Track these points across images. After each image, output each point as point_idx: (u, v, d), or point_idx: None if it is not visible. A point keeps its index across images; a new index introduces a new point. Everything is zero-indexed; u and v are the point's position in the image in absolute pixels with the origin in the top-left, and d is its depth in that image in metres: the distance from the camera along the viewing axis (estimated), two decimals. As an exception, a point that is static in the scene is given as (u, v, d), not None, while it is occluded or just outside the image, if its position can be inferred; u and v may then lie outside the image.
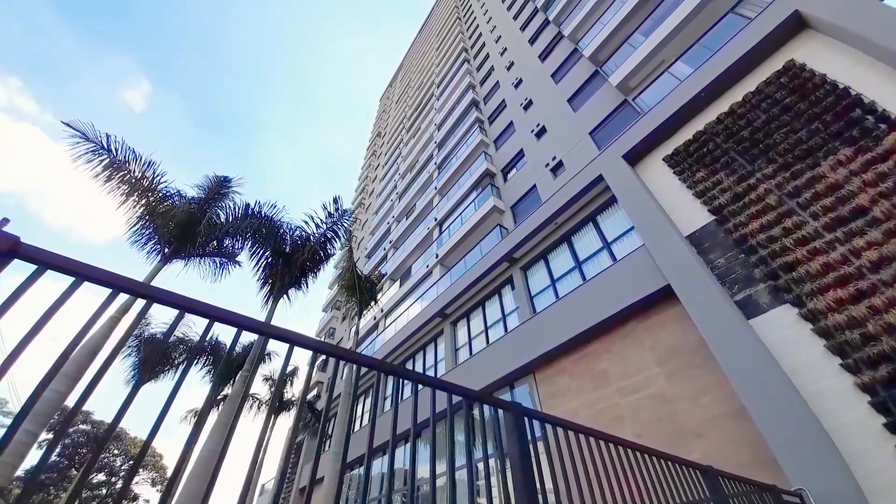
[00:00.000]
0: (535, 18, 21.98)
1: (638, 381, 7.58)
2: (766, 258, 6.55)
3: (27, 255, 1.31)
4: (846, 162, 6.17)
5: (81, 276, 1.42)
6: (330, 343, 1.55)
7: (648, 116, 9.64)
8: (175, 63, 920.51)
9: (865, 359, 5.16)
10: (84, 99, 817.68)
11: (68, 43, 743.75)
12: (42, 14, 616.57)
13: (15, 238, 1.29)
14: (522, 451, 2.12)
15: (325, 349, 1.55)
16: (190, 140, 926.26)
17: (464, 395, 2.07)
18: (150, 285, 1.40)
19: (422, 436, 10.50)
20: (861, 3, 6.76)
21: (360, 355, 1.65)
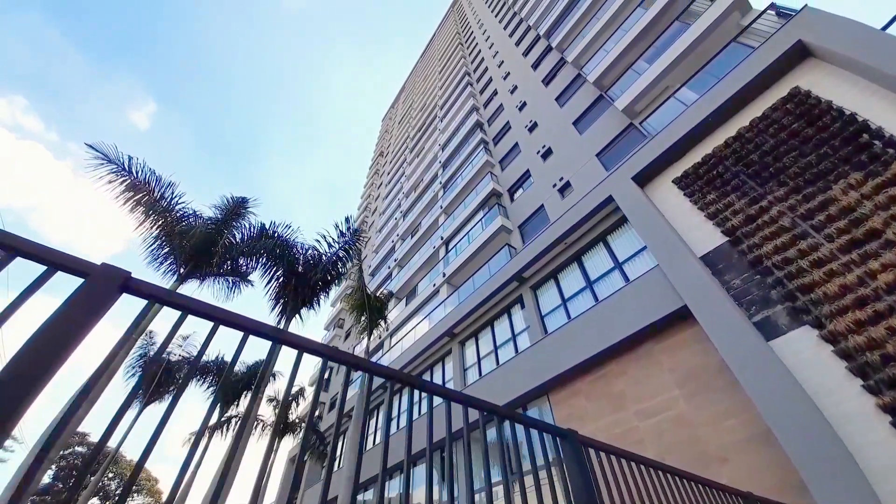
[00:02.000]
0: (537, 44, 22.70)
1: (657, 404, 7.54)
2: (783, 280, 6.63)
3: (136, 289, 1.38)
4: (857, 186, 6.33)
5: (187, 310, 1.50)
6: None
7: (656, 139, 9.89)
8: (181, 84, 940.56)
9: (886, 379, 5.19)
10: (90, 118, 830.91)
11: (75, 63, 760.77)
12: (50, 35, 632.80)
13: (127, 273, 1.37)
14: (585, 482, 2.14)
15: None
16: (192, 159, 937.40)
17: (507, 416, 2.09)
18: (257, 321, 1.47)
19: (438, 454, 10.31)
20: (863, 32, 7.05)
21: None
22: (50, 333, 1.15)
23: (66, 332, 1.17)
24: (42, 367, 1.09)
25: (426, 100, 42.42)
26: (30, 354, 1.09)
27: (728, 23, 10.56)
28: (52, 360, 1.13)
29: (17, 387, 1.03)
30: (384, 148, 53.76)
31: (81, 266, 1.30)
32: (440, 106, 34.38)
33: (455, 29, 47.88)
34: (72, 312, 1.20)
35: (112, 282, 1.31)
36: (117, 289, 1.32)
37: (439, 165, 27.03)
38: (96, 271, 1.30)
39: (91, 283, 1.28)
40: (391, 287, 23.68)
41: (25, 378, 1.05)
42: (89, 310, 1.23)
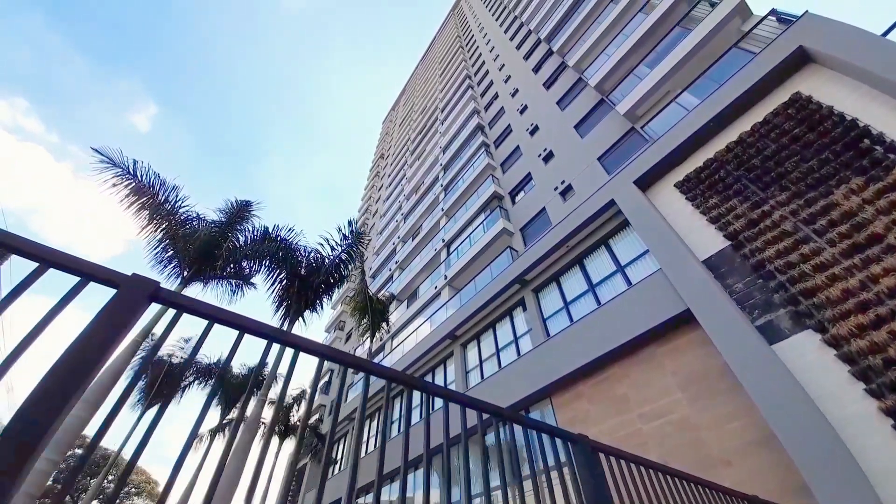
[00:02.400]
0: (538, 48, 22.81)
1: (660, 407, 7.56)
2: (786, 284, 6.67)
3: (165, 299, 1.42)
4: (859, 191, 6.37)
5: (214, 319, 1.53)
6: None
7: (658, 144, 9.94)
8: (181, 87, 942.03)
9: (888, 383, 5.22)
10: (90, 120, 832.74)
11: (76, 65, 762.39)
12: (51, 37, 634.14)
13: (156, 283, 1.40)
14: (598, 488, 2.17)
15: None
16: (193, 161, 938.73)
17: (517, 421, 2.12)
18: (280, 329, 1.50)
19: (441, 459, 10.32)
20: (863, 38, 7.12)
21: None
22: (87, 341, 1.19)
23: (102, 340, 1.21)
24: (82, 373, 1.13)
25: (427, 102, 42.54)
26: (70, 362, 1.13)
27: (729, 28, 10.64)
28: (91, 366, 1.17)
29: (61, 394, 1.07)
30: (385, 150, 53.88)
31: (113, 277, 1.33)
32: (441, 108, 34.49)
33: (456, 32, 48.08)
34: (106, 321, 1.24)
35: (142, 292, 1.35)
36: (147, 298, 1.36)
37: (440, 168, 27.09)
38: (127, 282, 1.34)
39: (122, 293, 1.31)
40: (392, 289, 23.70)
41: (68, 385, 1.09)
42: (122, 319, 1.27)
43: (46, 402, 1.03)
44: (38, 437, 0.97)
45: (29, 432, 0.96)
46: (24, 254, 1.25)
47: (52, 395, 1.05)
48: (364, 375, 1.73)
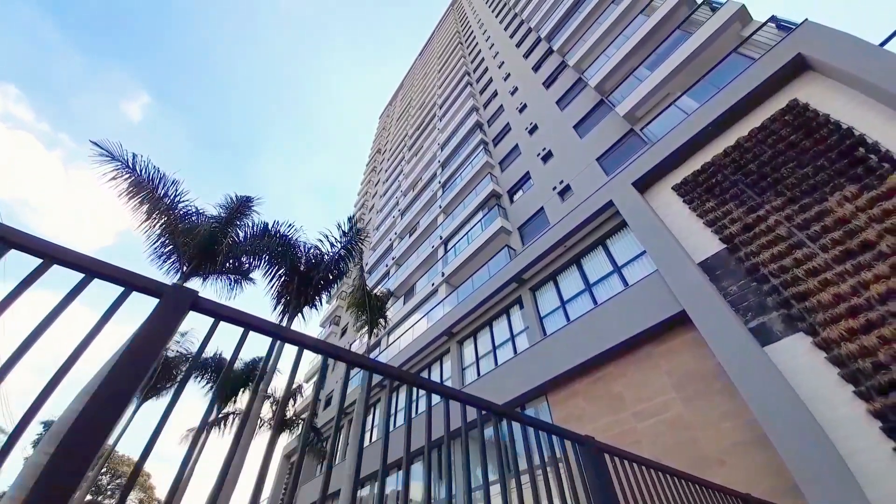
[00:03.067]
0: (538, 47, 22.81)
1: (655, 406, 7.72)
2: (779, 287, 6.82)
3: (204, 308, 1.48)
4: (852, 198, 6.53)
5: (249, 326, 1.60)
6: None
7: (657, 146, 10.05)
8: (174, 77, 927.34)
9: (877, 386, 5.39)
10: (81, 108, 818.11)
11: (70, 54, 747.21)
12: (43, 25, 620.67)
13: (195, 293, 1.46)
14: (604, 490, 2.26)
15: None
16: (185, 153, 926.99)
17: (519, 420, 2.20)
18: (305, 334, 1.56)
19: (449, 451, 10.45)
20: (861, 48, 7.25)
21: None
22: (138, 348, 1.25)
23: (150, 346, 1.27)
24: (134, 379, 1.19)
25: (425, 98, 42.38)
26: (123, 370, 1.19)
27: (729, 33, 10.74)
28: (141, 373, 1.23)
29: (117, 400, 1.13)
30: (381, 145, 53.65)
31: (156, 287, 1.39)
32: (439, 105, 34.39)
33: (455, 28, 47.82)
34: (152, 329, 1.30)
35: (183, 301, 1.41)
36: (188, 307, 1.42)
37: (438, 164, 27.08)
38: (169, 292, 1.39)
39: (165, 302, 1.37)
40: (389, 285, 23.75)
41: (122, 392, 1.15)
42: (166, 327, 1.33)
43: (111, 403, 1.11)
44: (104, 435, 1.05)
45: (96, 431, 1.04)
46: (67, 264, 1.29)
47: (115, 396, 1.12)
48: (361, 372, 1.77)
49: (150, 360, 1.29)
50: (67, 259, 1.28)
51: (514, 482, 1.83)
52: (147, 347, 1.27)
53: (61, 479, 0.95)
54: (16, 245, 1.20)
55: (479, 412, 2.01)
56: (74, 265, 1.28)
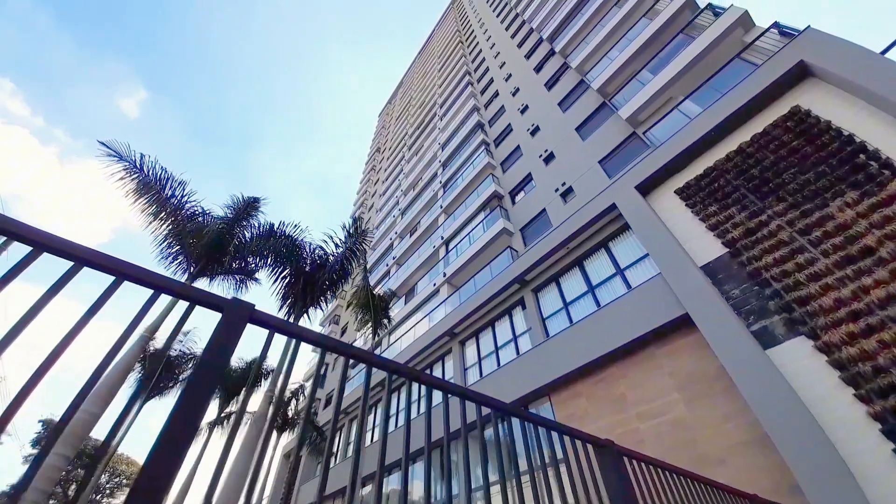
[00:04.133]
0: (539, 48, 22.88)
1: (657, 407, 7.84)
2: (781, 291, 6.95)
3: (260, 321, 1.57)
4: (853, 204, 6.65)
5: (300, 338, 1.69)
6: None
7: (660, 150, 10.16)
8: (172, 73, 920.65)
9: (876, 389, 5.52)
10: (77, 103, 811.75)
11: (65, 48, 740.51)
12: (39, 18, 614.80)
13: (251, 305, 1.56)
14: (625, 492, 2.36)
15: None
16: (183, 149, 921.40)
17: (548, 425, 2.28)
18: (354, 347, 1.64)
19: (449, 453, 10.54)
20: (863, 56, 7.36)
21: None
22: (209, 358, 1.34)
23: (217, 361, 1.37)
24: (208, 386, 1.29)
25: (425, 97, 42.38)
26: (197, 383, 1.28)
27: (731, 39, 10.86)
28: (213, 382, 1.33)
29: (199, 401, 1.23)
30: (381, 144, 53.63)
31: (217, 301, 1.48)
32: (440, 104, 34.43)
33: (455, 27, 47.81)
34: (218, 340, 1.40)
35: (242, 314, 1.50)
36: (245, 319, 1.51)
37: (439, 164, 27.14)
38: (229, 305, 1.49)
39: (226, 315, 1.46)
40: (389, 285, 23.81)
41: (202, 395, 1.26)
42: (229, 340, 1.42)
43: (192, 407, 1.21)
44: (191, 436, 1.15)
45: (184, 433, 1.14)
46: (138, 280, 1.37)
47: (194, 402, 1.22)
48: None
49: (220, 371, 1.39)
50: (139, 276, 1.36)
51: (530, 482, 1.92)
52: (216, 361, 1.37)
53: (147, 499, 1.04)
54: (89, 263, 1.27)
55: (494, 413, 2.09)
56: (145, 282, 1.36)
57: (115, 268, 1.31)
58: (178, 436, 1.14)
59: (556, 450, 2.25)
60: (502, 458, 1.90)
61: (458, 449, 6.65)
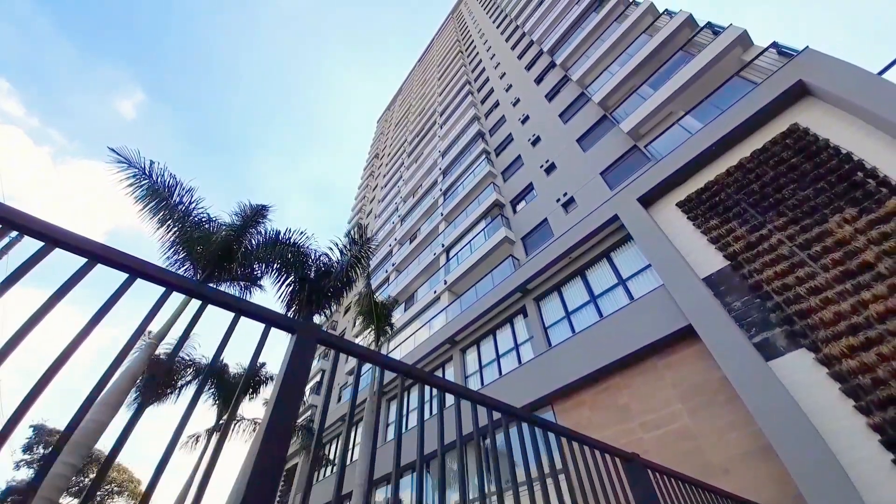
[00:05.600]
0: (540, 59, 23.26)
1: (661, 417, 7.95)
2: (782, 304, 7.12)
3: (327, 342, 1.68)
4: (852, 220, 6.86)
5: (365, 358, 1.78)
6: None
7: (661, 163, 10.38)
8: (171, 76, 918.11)
9: (876, 401, 5.67)
10: (73, 104, 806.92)
11: (64, 48, 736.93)
12: (39, 21, 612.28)
13: (318, 327, 1.66)
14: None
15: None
16: (180, 152, 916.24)
17: (576, 437, 2.39)
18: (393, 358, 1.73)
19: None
20: (860, 76, 7.62)
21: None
22: (291, 379, 1.44)
23: (298, 377, 1.47)
24: (293, 412, 1.39)
25: (424, 105, 42.73)
26: (285, 397, 1.38)
27: (730, 57, 11.17)
28: (297, 400, 1.43)
29: (287, 419, 1.33)
30: (380, 150, 53.85)
31: (291, 323, 1.58)
32: (440, 112, 34.73)
33: (455, 36, 48.39)
34: (296, 363, 1.50)
35: (312, 335, 1.60)
36: (315, 341, 1.62)
37: (439, 172, 27.33)
38: (300, 326, 1.59)
39: (299, 336, 1.57)
40: (389, 291, 23.83)
41: (287, 420, 1.35)
42: (304, 361, 1.53)
43: (281, 426, 1.31)
44: (283, 456, 1.25)
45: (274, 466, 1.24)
46: (220, 304, 1.46)
47: (283, 421, 1.32)
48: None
49: (301, 388, 1.49)
50: (217, 298, 1.44)
51: (555, 492, 2.00)
52: (297, 380, 1.47)
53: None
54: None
55: (531, 428, 2.19)
56: (225, 304, 1.46)
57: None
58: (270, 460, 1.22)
59: (580, 460, 2.36)
60: (529, 469, 2.00)
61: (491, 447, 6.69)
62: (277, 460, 1.23)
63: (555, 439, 2.42)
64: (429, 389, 1.69)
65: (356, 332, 27.09)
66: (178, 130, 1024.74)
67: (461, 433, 2.05)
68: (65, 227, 1.11)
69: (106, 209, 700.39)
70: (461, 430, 2.09)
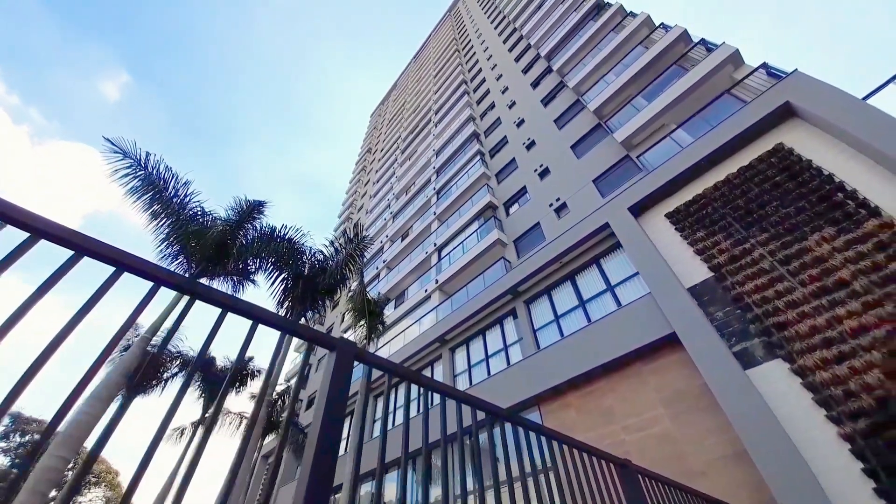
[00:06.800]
0: (536, 63, 23.48)
1: (644, 420, 8.27)
2: (761, 316, 7.48)
3: (365, 359, 1.82)
4: (830, 239, 7.24)
5: (403, 377, 1.92)
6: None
7: (652, 175, 10.69)
8: (157, 59, 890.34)
9: (847, 412, 6.04)
10: (56, 83, 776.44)
11: (44, 24, 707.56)
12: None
13: (354, 343, 1.80)
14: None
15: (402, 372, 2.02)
16: (165, 136, 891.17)
17: (570, 442, 2.57)
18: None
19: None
20: (845, 101, 7.99)
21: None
22: (335, 394, 1.58)
23: (340, 395, 1.60)
24: (338, 426, 1.52)
25: (419, 102, 42.64)
26: (331, 413, 1.52)
27: (722, 74, 11.55)
28: (342, 415, 1.57)
29: (335, 434, 1.47)
30: (373, 145, 53.54)
31: (330, 341, 1.71)
32: (434, 111, 34.73)
33: (452, 35, 48.31)
34: (337, 376, 1.63)
35: (350, 353, 1.74)
36: (353, 357, 1.76)
37: (433, 171, 27.40)
38: (339, 344, 1.73)
39: (339, 353, 1.71)
40: (379, 288, 23.87)
41: (335, 434, 1.48)
42: (344, 377, 1.66)
43: (331, 438, 1.45)
44: (333, 468, 1.38)
45: (324, 478, 1.37)
46: (271, 324, 1.58)
47: (328, 433, 1.45)
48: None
49: (344, 404, 1.62)
50: (270, 319, 1.57)
51: (547, 493, 2.16)
52: (340, 395, 1.61)
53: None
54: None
55: (526, 431, 2.36)
56: (275, 324, 1.58)
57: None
58: (326, 469, 1.36)
59: (572, 465, 2.52)
60: (525, 475, 2.15)
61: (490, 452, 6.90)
62: (330, 469, 1.37)
63: (545, 441, 2.54)
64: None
65: (345, 328, 27.06)
66: (163, 115, 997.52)
67: (445, 433, 2.15)
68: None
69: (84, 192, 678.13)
70: (445, 430, 2.22)
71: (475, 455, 2.00)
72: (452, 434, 2.00)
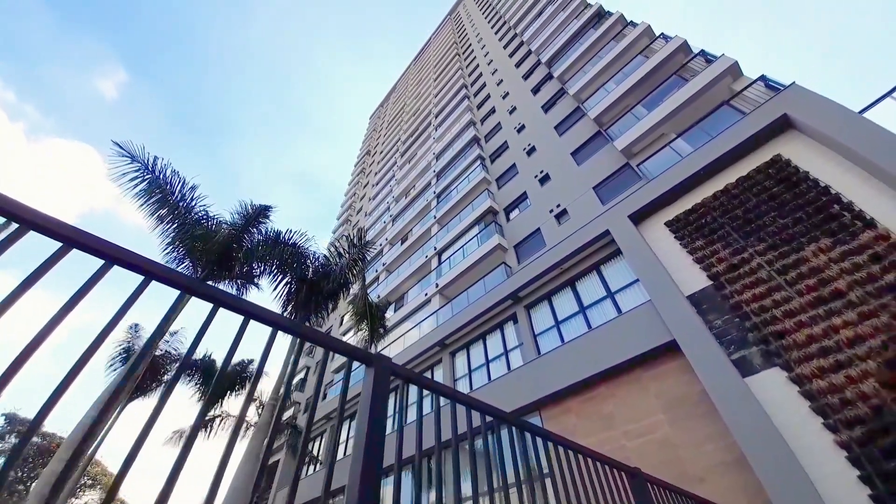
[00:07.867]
0: (537, 70, 23.70)
1: (644, 426, 8.40)
2: (759, 325, 7.63)
3: (398, 374, 1.91)
4: (826, 250, 7.41)
5: (431, 389, 2.01)
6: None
7: (652, 183, 10.87)
8: (155, 57, 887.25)
9: (843, 420, 6.19)
10: (52, 80, 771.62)
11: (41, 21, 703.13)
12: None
13: (390, 359, 1.89)
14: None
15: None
16: (163, 135, 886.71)
17: (582, 451, 2.68)
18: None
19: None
20: (842, 114, 8.18)
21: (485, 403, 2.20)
22: (375, 409, 1.68)
23: (381, 408, 1.71)
24: (382, 426, 1.63)
25: (419, 105, 42.82)
26: (372, 429, 1.62)
27: (721, 85, 11.76)
28: (384, 422, 1.67)
29: (380, 445, 1.57)
30: (372, 147, 53.65)
31: (367, 356, 1.82)
32: (435, 114, 34.90)
33: (452, 39, 48.60)
34: (378, 392, 1.74)
35: (386, 368, 1.85)
36: (389, 373, 1.86)
37: (433, 174, 27.53)
38: (375, 359, 1.83)
39: (376, 368, 1.81)
40: (379, 291, 23.93)
41: (381, 435, 1.59)
42: (383, 389, 1.77)
43: (376, 446, 1.55)
44: (381, 466, 1.48)
45: (375, 467, 1.47)
46: (310, 338, 1.68)
47: (375, 439, 1.56)
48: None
49: (385, 414, 1.72)
50: (314, 337, 1.67)
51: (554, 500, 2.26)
52: (380, 406, 1.71)
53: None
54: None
55: (544, 440, 2.47)
56: (314, 340, 1.68)
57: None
58: (372, 474, 1.47)
59: (584, 472, 2.62)
60: (532, 483, 2.24)
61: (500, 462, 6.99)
62: (376, 475, 1.47)
63: (551, 447, 2.63)
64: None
65: (343, 331, 27.08)
66: (160, 112, 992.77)
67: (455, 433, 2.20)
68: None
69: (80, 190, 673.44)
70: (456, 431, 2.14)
71: (491, 458, 2.11)
72: (462, 434, 2.10)
